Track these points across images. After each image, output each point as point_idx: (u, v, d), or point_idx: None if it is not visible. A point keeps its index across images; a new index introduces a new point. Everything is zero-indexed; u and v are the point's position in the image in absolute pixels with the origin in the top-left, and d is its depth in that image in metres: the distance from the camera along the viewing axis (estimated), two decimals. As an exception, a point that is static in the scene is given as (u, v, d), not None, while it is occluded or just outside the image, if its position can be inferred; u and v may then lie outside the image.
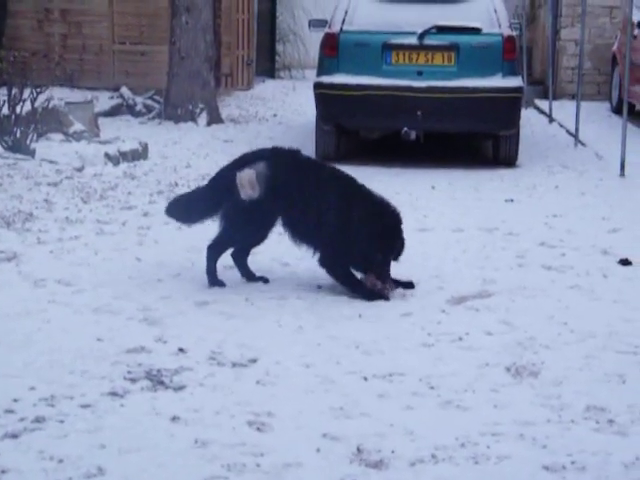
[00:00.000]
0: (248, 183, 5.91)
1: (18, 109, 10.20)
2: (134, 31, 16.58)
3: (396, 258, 6.11)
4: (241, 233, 6.18)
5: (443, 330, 5.43)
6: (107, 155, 10.17)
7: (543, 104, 16.21)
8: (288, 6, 22.19)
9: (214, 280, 6.18)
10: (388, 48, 10.70)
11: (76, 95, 14.56)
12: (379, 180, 8.65)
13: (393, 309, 5.80)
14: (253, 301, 5.87)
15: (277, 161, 6.08)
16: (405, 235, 6.15)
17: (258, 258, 6.76)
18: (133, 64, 16.52)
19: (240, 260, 6.36)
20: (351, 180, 6.19)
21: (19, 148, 10.08)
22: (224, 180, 6.13)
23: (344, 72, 10.78)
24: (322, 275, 6.35)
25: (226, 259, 6.61)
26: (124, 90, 14.82)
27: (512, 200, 9.11)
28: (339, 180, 6.16)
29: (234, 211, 6.07)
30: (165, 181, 9.59)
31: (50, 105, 10.72)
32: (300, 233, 6.13)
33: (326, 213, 5.99)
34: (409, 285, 6.16)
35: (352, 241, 5.97)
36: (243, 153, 6.35)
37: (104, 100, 14.88)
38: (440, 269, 6.63)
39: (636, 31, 13.80)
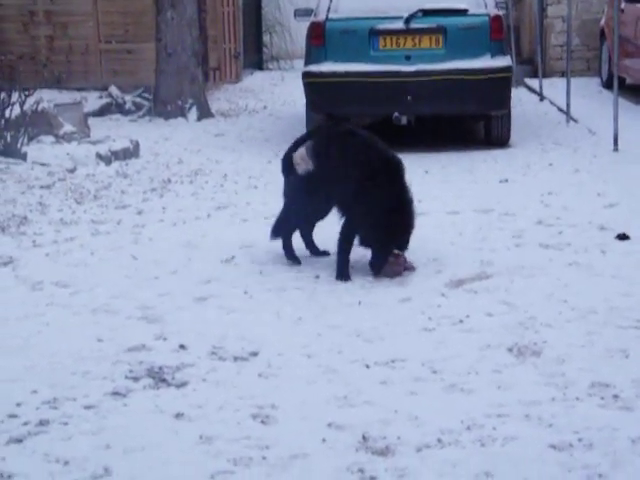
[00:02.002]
0: (301, 160, 6.25)
1: (7, 113, 10.16)
2: (120, 29, 16.49)
3: (402, 247, 6.15)
4: (304, 206, 6.37)
5: (443, 313, 5.42)
6: (99, 155, 10.14)
7: (533, 83, 16.19)
8: (273, -3, 22.13)
9: (290, 255, 6.49)
10: (375, 34, 10.67)
11: (65, 96, 14.51)
12: (372, 167, 8.61)
13: (392, 295, 5.78)
14: (252, 294, 5.85)
15: (320, 135, 6.42)
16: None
17: (254, 250, 6.76)
18: (120, 62, 16.45)
19: (307, 237, 6.65)
20: (382, 154, 6.27)
21: (10, 152, 10.05)
22: (285, 163, 6.47)
23: (332, 60, 10.74)
24: (320, 265, 6.34)
25: (223, 253, 6.61)
26: (112, 89, 14.77)
27: (506, 180, 9.09)
28: (368, 152, 6.22)
29: (292, 187, 6.41)
30: (158, 178, 9.57)
31: (39, 108, 10.68)
32: (335, 201, 6.32)
33: (350, 183, 6.13)
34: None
35: (364, 214, 6.08)
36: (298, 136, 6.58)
37: (93, 100, 14.83)
38: (437, 252, 6.61)
39: (623, 4, 13.76)
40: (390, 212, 6.01)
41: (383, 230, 6.01)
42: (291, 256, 6.49)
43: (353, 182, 6.10)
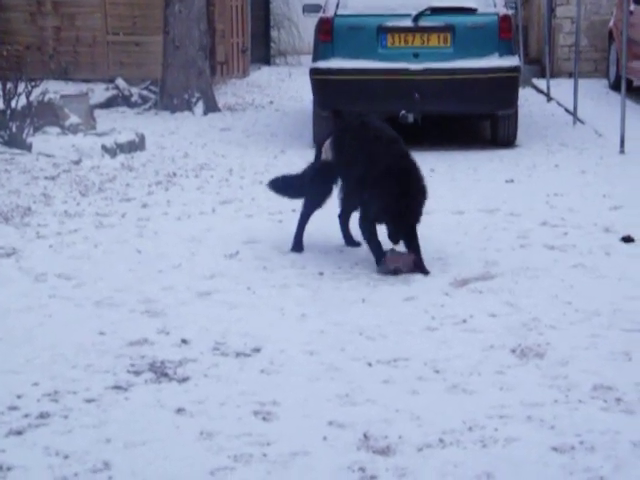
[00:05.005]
0: (324, 150, 6.58)
1: (13, 103, 10.16)
2: (127, 22, 16.50)
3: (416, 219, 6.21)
4: (312, 189, 6.66)
5: (447, 313, 5.40)
6: (104, 147, 10.13)
7: (540, 83, 16.16)
8: (282, -8, 22.11)
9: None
10: (383, 31, 10.64)
11: (71, 88, 14.51)
12: (378, 164, 8.59)
13: (396, 293, 5.77)
14: (255, 290, 5.84)
15: (341, 128, 6.66)
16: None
17: (258, 246, 6.74)
18: (127, 55, 16.45)
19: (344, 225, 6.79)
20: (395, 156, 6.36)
21: (15, 143, 10.04)
22: (317, 149, 6.86)
23: (340, 57, 10.72)
24: (324, 262, 6.32)
25: (227, 248, 6.60)
26: (119, 81, 14.75)
27: (512, 180, 9.07)
28: (383, 152, 6.30)
29: (310, 171, 6.74)
30: (163, 171, 9.55)
31: (45, 98, 10.67)
32: (343, 193, 6.55)
33: (360, 174, 6.25)
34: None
35: (372, 205, 6.15)
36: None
37: (99, 92, 14.82)
38: (442, 252, 6.60)
39: (632, 6, 13.72)
40: (394, 189, 6.07)
41: (393, 209, 6.04)
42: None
43: (362, 173, 6.20)
